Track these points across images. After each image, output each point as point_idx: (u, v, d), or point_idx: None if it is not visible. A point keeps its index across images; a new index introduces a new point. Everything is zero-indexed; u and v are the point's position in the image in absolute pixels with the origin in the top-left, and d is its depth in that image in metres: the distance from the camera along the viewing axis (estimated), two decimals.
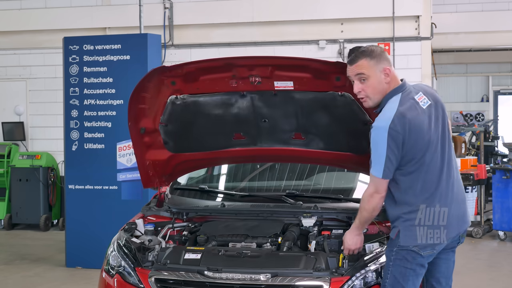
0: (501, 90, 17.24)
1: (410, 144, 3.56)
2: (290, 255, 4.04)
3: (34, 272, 8.02)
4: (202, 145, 4.83)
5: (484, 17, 12.24)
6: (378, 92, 3.66)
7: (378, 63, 3.64)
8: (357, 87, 3.68)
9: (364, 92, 3.67)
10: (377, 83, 3.65)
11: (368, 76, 3.63)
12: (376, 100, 3.69)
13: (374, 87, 3.65)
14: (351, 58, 3.69)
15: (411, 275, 3.67)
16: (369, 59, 3.63)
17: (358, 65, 3.65)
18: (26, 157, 11.10)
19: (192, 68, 4.22)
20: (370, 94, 3.67)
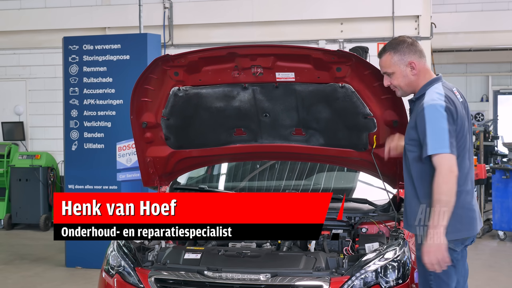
0: (501, 90, 17.24)
1: (458, 125, 3.56)
2: (289, 255, 4.05)
3: (34, 272, 8.02)
4: (203, 141, 4.83)
5: (483, 17, 12.24)
6: (406, 84, 3.73)
7: (403, 57, 3.69)
8: (386, 81, 3.78)
9: (393, 85, 3.77)
10: (403, 77, 3.72)
11: (393, 72, 3.72)
12: (407, 90, 3.76)
13: (401, 80, 3.72)
14: (379, 53, 3.80)
15: (453, 273, 3.60)
16: (392, 54, 3.71)
17: (381, 64, 3.78)
18: (25, 157, 11.10)
19: (195, 57, 4.23)
20: (398, 86, 3.75)
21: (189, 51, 4.26)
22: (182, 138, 4.78)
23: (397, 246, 3.95)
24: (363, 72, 4.08)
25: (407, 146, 3.67)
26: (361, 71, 4.08)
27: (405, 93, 3.77)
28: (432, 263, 3.43)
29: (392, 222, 4.36)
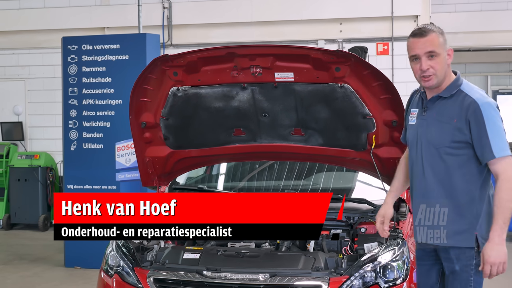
0: (500, 90, 17.21)
1: None
2: (288, 255, 4.05)
3: (32, 272, 8.02)
4: (202, 141, 4.84)
5: (482, 17, 12.23)
6: (443, 72, 3.46)
7: (446, 42, 3.51)
8: (426, 64, 3.42)
9: (433, 70, 3.43)
10: (444, 62, 3.47)
11: (438, 54, 3.44)
12: (440, 80, 3.46)
13: (442, 66, 3.45)
14: (421, 31, 3.47)
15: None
16: (439, 35, 3.47)
17: (431, 41, 3.44)
18: (24, 157, 11.09)
19: (194, 57, 4.24)
20: (438, 72, 3.44)
21: (188, 51, 4.26)
22: (181, 138, 4.78)
23: (396, 246, 3.94)
24: (362, 72, 4.08)
25: (448, 150, 3.43)
26: (360, 71, 4.08)
27: (437, 83, 3.46)
28: (497, 271, 3.40)
29: (391, 222, 4.36)
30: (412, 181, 3.67)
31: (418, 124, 3.58)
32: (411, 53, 3.49)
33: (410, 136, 3.65)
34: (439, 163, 3.46)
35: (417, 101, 3.66)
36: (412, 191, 3.70)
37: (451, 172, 3.44)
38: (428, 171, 3.50)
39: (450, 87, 3.48)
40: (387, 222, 3.76)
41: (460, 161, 3.42)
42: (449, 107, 3.45)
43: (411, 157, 3.65)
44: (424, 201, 3.54)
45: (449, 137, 3.42)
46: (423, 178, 3.53)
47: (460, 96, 3.45)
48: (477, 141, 3.36)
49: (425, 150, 3.51)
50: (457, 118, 3.40)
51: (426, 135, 3.51)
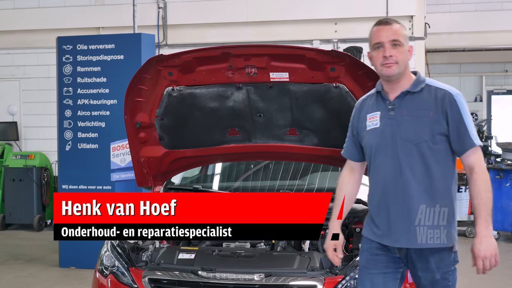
0: (495, 90, 17.26)
1: None
2: (284, 255, 4.05)
3: (27, 272, 8.00)
4: (197, 141, 4.84)
5: (477, 17, 12.26)
6: (404, 64, 3.39)
7: (408, 38, 3.46)
8: (389, 51, 3.36)
9: (395, 58, 3.36)
10: (406, 55, 3.40)
11: (402, 44, 3.38)
12: (401, 71, 3.38)
13: (404, 57, 3.38)
14: (386, 20, 3.46)
15: None
16: (403, 28, 3.43)
17: (395, 30, 3.40)
18: (19, 157, 11.07)
19: (189, 57, 4.24)
20: (400, 62, 3.37)
21: (183, 51, 4.26)
22: (176, 138, 4.77)
23: None
24: (357, 72, 4.09)
25: (428, 144, 3.32)
26: (355, 71, 4.09)
27: (399, 74, 3.37)
28: (490, 265, 3.34)
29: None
30: (380, 186, 3.44)
31: (386, 125, 3.43)
32: (375, 40, 3.43)
33: (375, 141, 3.46)
34: (418, 161, 3.34)
35: (375, 104, 3.52)
36: (379, 195, 3.46)
37: (431, 169, 3.34)
38: (406, 171, 3.35)
39: (417, 83, 3.42)
40: (339, 249, 3.60)
41: (438, 156, 3.35)
42: (422, 101, 3.38)
43: (379, 163, 3.45)
44: (403, 202, 3.35)
45: (428, 130, 3.33)
46: (400, 179, 3.35)
47: (430, 90, 3.39)
48: (455, 131, 3.32)
49: (401, 149, 3.36)
50: (433, 111, 3.33)
51: (401, 134, 3.37)
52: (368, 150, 3.53)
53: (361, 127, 3.57)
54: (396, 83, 3.42)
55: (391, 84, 3.44)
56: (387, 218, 3.41)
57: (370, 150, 3.50)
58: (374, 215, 3.50)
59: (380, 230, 3.45)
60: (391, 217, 3.39)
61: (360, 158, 3.65)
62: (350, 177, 3.71)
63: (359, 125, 3.59)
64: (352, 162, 3.71)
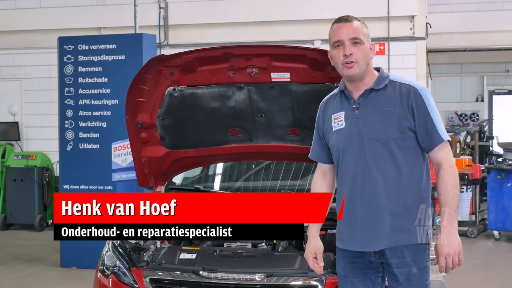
0: (496, 90, 17.26)
1: None
2: (285, 255, 4.05)
3: (29, 272, 8.01)
4: (198, 141, 4.83)
5: (478, 17, 12.27)
6: (365, 63, 3.28)
7: (369, 36, 3.36)
8: (349, 49, 3.24)
9: (356, 56, 3.25)
10: (367, 53, 3.30)
11: (362, 42, 3.28)
12: (362, 70, 3.27)
13: (365, 55, 3.28)
14: (346, 18, 3.34)
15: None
16: (364, 26, 3.34)
17: (355, 28, 3.29)
18: (20, 157, 11.08)
19: (190, 57, 4.24)
20: (360, 60, 3.25)
21: (184, 51, 4.26)
22: (178, 138, 4.77)
23: None
24: None
25: (396, 142, 3.22)
26: None
27: (359, 72, 3.25)
28: (453, 264, 3.15)
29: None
30: (348, 189, 3.32)
31: (352, 124, 3.32)
32: (335, 38, 3.30)
33: (341, 142, 3.35)
34: (387, 160, 3.23)
35: (339, 103, 3.42)
36: (347, 198, 3.33)
37: (401, 167, 3.23)
38: (374, 171, 3.24)
39: (380, 79, 3.32)
40: (320, 257, 3.48)
41: (408, 153, 3.24)
42: (387, 97, 3.27)
43: (346, 164, 3.34)
44: (371, 204, 3.24)
45: (395, 127, 3.22)
46: (367, 179, 3.25)
47: (394, 85, 3.29)
48: (422, 126, 3.22)
49: (368, 148, 3.25)
50: (399, 107, 3.23)
51: (368, 133, 3.26)
52: (335, 152, 3.42)
53: (327, 128, 3.47)
54: (359, 81, 3.32)
55: (354, 83, 3.33)
56: (355, 222, 3.30)
57: (338, 152, 3.39)
58: (343, 221, 3.37)
59: (350, 236, 3.34)
60: (359, 221, 3.28)
61: (330, 160, 3.53)
62: (323, 182, 3.58)
63: (324, 126, 3.49)
64: (323, 165, 3.58)
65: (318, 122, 3.56)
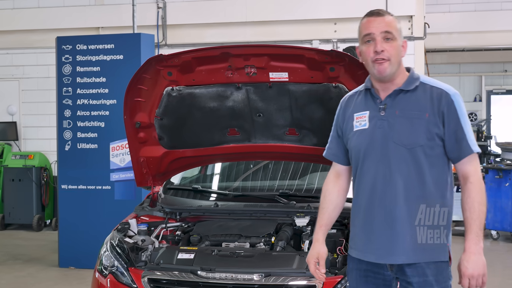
0: (494, 90, 17.27)
1: None
2: (283, 254, 4.04)
3: (27, 272, 8.00)
4: (197, 141, 4.84)
5: (477, 17, 12.26)
6: (397, 61, 3.06)
7: (401, 32, 3.13)
8: (381, 45, 3.02)
9: (388, 53, 3.02)
10: (399, 50, 3.08)
11: (395, 38, 3.05)
12: (393, 70, 3.05)
13: (397, 52, 3.05)
14: (378, 11, 3.13)
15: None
16: (396, 21, 3.11)
17: (388, 22, 3.07)
18: (19, 157, 11.07)
19: (189, 57, 4.25)
20: (392, 58, 3.03)
21: (182, 51, 4.27)
22: (176, 138, 4.78)
23: None
24: (356, 72, 4.08)
25: (423, 149, 3.01)
26: (354, 71, 4.09)
27: (391, 72, 3.04)
28: (476, 284, 2.97)
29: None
30: (367, 195, 3.13)
31: (376, 126, 3.11)
32: (365, 32, 3.09)
33: (363, 144, 3.14)
34: (411, 167, 3.02)
35: (364, 102, 3.21)
36: (365, 205, 3.15)
37: (424, 176, 3.03)
38: (396, 178, 3.03)
39: (410, 80, 3.10)
40: (322, 263, 3.31)
41: (434, 162, 3.04)
42: (417, 100, 3.06)
43: (367, 168, 3.13)
44: (391, 214, 3.05)
45: (423, 133, 3.01)
46: (389, 187, 3.05)
47: (426, 88, 3.08)
48: (452, 134, 3.01)
49: (392, 153, 3.04)
50: (429, 111, 3.02)
51: (393, 137, 3.04)
52: (354, 154, 3.20)
53: (347, 127, 3.25)
54: (389, 81, 3.10)
55: (382, 82, 3.12)
56: (372, 231, 3.11)
57: (358, 154, 3.17)
58: (358, 228, 3.21)
59: (366, 245, 3.15)
60: (377, 230, 3.09)
61: (347, 161, 3.32)
62: (336, 184, 3.38)
63: (344, 124, 3.28)
64: (338, 165, 3.38)
65: (338, 120, 3.34)
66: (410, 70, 3.16)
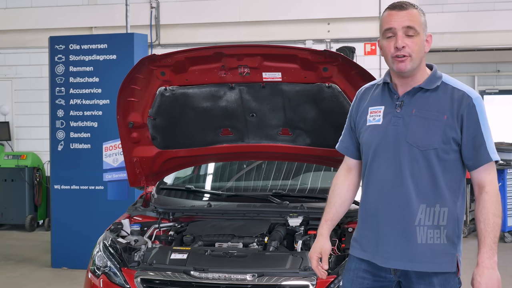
0: (487, 90, 17.30)
1: None
2: (276, 254, 4.04)
3: (19, 273, 7.98)
4: (190, 141, 4.84)
5: (469, 17, 12.28)
6: (419, 57, 2.90)
7: (426, 25, 2.95)
8: (402, 41, 2.85)
9: (409, 49, 2.86)
10: (422, 46, 2.92)
11: (418, 33, 2.88)
12: (415, 66, 2.90)
13: (420, 48, 2.89)
14: (401, 4, 2.92)
15: None
16: (421, 14, 2.92)
17: (412, 15, 2.88)
18: (11, 157, 11.03)
19: (182, 57, 4.25)
20: (414, 54, 2.87)
21: (175, 51, 4.27)
22: (169, 138, 4.77)
23: None
24: (349, 72, 4.09)
25: (437, 152, 2.88)
26: (347, 71, 4.09)
27: (411, 68, 2.89)
28: None
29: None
30: (375, 194, 3.03)
31: (390, 123, 2.97)
32: (386, 26, 2.91)
33: (375, 140, 3.01)
34: (423, 170, 2.89)
35: (380, 96, 3.07)
36: (372, 204, 3.05)
37: (437, 180, 2.90)
38: (407, 180, 2.90)
39: (432, 79, 2.96)
40: (325, 259, 3.17)
41: (447, 167, 2.91)
42: (436, 101, 2.91)
43: (377, 166, 3.01)
44: (401, 216, 2.92)
45: (439, 136, 2.86)
46: (400, 188, 2.92)
47: (447, 89, 2.93)
48: (470, 140, 2.87)
49: (404, 154, 2.91)
50: (448, 114, 2.87)
51: (407, 136, 2.91)
52: (365, 149, 3.08)
53: (360, 120, 3.12)
54: (409, 76, 2.96)
55: (402, 78, 2.98)
56: (378, 233, 2.99)
57: (368, 150, 3.05)
58: (364, 229, 3.10)
59: (371, 247, 3.03)
60: (384, 232, 2.96)
61: (359, 156, 3.20)
62: (346, 178, 3.26)
63: (357, 117, 3.15)
64: (349, 159, 3.26)
65: (352, 112, 3.21)
66: (433, 67, 3.03)
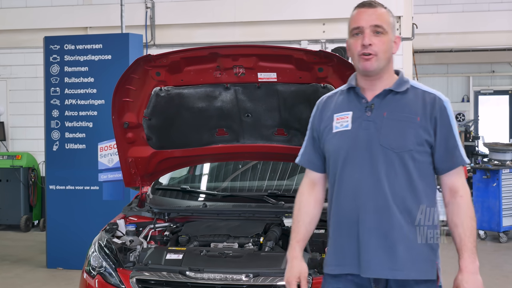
0: (482, 90, 17.38)
1: None
2: (272, 255, 4.04)
3: (14, 273, 7.96)
4: (185, 141, 4.84)
5: (464, 18, 12.34)
6: (386, 57, 2.85)
7: (395, 26, 2.92)
8: (369, 39, 2.80)
9: (376, 47, 2.81)
10: (390, 46, 2.87)
11: (386, 32, 2.83)
12: (381, 66, 2.84)
13: (386, 48, 2.84)
14: (370, 2, 2.88)
15: None
16: (389, 14, 2.90)
17: (380, 14, 2.84)
18: (6, 157, 11.01)
19: (177, 57, 4.25)
20: (380, 54, 2.82)
21: (171, 51, 4.27)
22: (164, 138, 4.77)
23: None
24: (344, 72, 4.09)
25: (411, 154, 2.81)
26: (342, 72, 4.09)
27: (377, 67, 2.83)
28: None
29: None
30: (349, 203, 2.88)
31: (360, 127, 2.87)
32: (354, 25, 2.85)
33: (344, 146, 2.89)
34: (399, 173, 2.80)
35: (346, 102, 2.99)
36: (347, 214, 2.90)
37: (414, 184, 2.82)
38: (383, 184, 2.80)
39: (401, 82, 2.89)
40: (304, 283, 3.02)
41: (422, 170, 2.84)
42: (407, 103, 2.85)
43: (348, 174, 2.88)
44: (381, 222, 2.80)
45: (413, 137, 2.80)
46: (374, 193, 2.81)
47: (417, 92, 2.89)
48: (442, 142, 2.83)
49: (379, 157, 2.82)
50: (421, 116, 2.81)
51: (380, 139, 2.82)
52: (333, 158, 2.94)
53: (325, 129, 3.00)
54: (377, 79, 2.89)
55: (369, 80, 2.90)
56: (358, 241, 2.85)
57: (337, 158, 2.91)
58: (342, 238, 2.91)
59: (351, 257, 2.87)
60: (363, 239, 2.83)
61: (323, 169, 3.07)
62: (311, 194, 3.12)
63: (321, 126, 3.03)
64: (312, 173, 3.12)
65: (314, 122, 3.11)
66: (399, 72, 2.97)
